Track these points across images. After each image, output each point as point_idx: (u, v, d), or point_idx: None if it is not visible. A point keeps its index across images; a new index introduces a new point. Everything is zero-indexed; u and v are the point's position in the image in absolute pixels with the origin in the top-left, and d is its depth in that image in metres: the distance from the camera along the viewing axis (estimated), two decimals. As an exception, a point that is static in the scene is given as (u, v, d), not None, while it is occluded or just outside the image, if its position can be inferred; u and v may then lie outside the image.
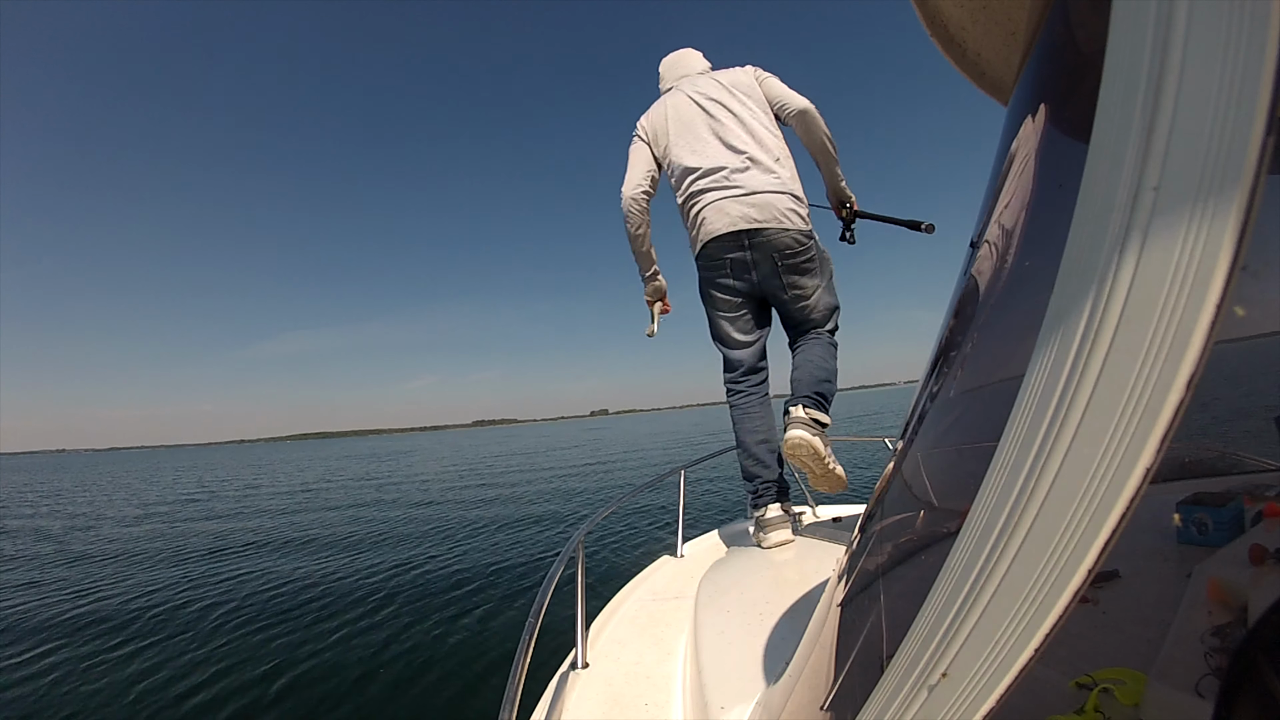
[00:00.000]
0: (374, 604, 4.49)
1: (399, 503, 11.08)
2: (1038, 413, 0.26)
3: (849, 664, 0.45)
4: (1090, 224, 0.25)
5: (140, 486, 20.47)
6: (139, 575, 6.17)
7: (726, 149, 1.64)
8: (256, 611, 4.55)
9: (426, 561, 5.79)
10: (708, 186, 1.65)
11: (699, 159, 1.67)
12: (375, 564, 5.87)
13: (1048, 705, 0.29)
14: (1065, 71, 0.35)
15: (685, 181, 1.71)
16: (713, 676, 0.95)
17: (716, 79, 1.77)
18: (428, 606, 4.32)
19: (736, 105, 1.69)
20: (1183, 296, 0.21)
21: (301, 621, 4.21)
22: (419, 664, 3.33)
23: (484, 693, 2.94)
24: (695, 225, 1.70)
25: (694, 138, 1.70)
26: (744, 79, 1.74)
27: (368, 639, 3.75)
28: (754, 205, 1.59)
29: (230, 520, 10.24)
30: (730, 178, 1.62)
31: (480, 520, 8.02)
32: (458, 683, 3.09)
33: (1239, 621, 0.23)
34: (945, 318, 0.46)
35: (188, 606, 4.83)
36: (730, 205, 1.60)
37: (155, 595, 5.26)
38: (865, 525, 0.53)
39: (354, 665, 3.37)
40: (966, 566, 0.29)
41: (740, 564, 1.56)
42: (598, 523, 1.76)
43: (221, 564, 6.50)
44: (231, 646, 3.81)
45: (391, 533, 7.69)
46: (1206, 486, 0.25)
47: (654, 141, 1.80)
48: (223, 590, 5.30)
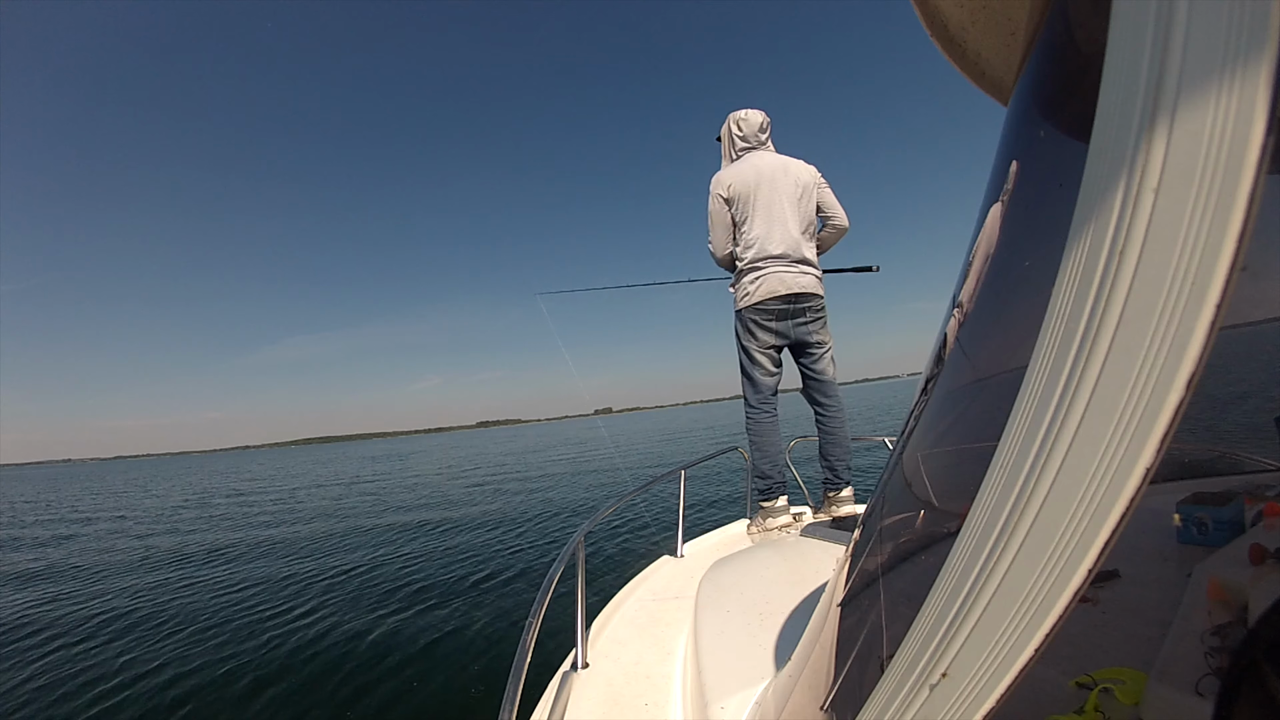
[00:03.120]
0: (374, 605, 4.49)
1: (396, 503, 11.07)
2: (1038, 413, 0.26)
3: (849, 664, 0.45)
4: (1090, 224, 0.25)
5: (131, 495, 20.48)
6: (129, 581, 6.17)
7: (793, 235, 2.20)
8: (254, 613, 4.55)
9: (426, 562, 5.79)
10: (776, 259, 2.19)
11: (775, 236, 2.19)
12: (375, 565, 5.87)
13: (1048, 705, 0.29)
14: (1065, 71, 0.35)
15: (756, 245, 2.20)
16: (712, 676, 0.95)
17: (789, 168, 2.25)
18: (428, 607, 4.32)
19: (805, 202, 2.26)
20: (1183, 296, 0.21)
21: (300, 622, 4.21)
22: (419, 664, 3.33)
23: (484, 693, 2.94)
24: (755, 283, 2.20)
25: (772, 218, 2.21)
26: (808, 179, 2.27)
27: (368, 639, 3.75)
28: (800, 280, 2.20)
29: (220, 529, 10.23)
30: (790, 255, 2.20)
31: (480, 520, 8.01)
32: (458, 683, 3.09)
33: (1239, 621, 0.23)
34: (945, 317, 0.46)
35: (131, 614, 4.83)
36: (789, 277, 2.19)
37: (126, 599, 5.26)
38: (865, 525, 0.53)
39: (354, 665, 3.37)
40: (966, 566, 0.29)
41: (740, 564, 1.56)
42: (598, 523, 1.77)
43: (212, 569, 6.50)
44: (218, 646, 3.81)
45: (390, 533, 7.69)
46: (1206, 486, 0.25)
47: (733, 199, 2.24)
48: (216, 592, 5.30)
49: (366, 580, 5.25)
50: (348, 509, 10.78)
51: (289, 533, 8.51)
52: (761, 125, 2.32)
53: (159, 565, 6.86)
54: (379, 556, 6.24)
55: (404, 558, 6.06)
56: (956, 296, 0.45)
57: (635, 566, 2.04)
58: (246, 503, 13.70)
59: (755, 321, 2.24)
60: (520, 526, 7.34)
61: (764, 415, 2.30)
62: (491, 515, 8.39)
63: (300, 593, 4.99)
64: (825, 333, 2.31)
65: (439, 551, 6.23)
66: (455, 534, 7.16)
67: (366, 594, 4.79)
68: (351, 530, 8.20)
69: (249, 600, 4.90)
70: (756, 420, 2.31)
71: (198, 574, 6.17)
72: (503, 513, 8.56)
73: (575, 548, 1.42)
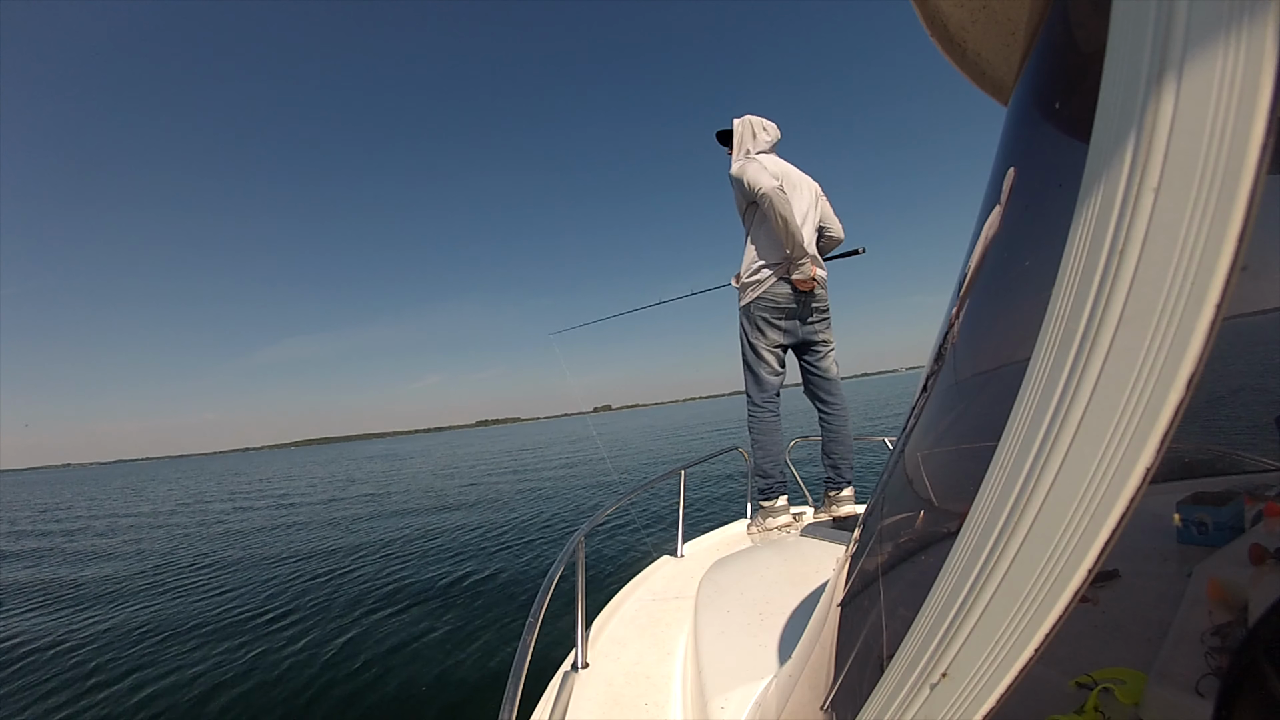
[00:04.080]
0: (374, 605, 4.49)
1: (394, 505, 11.07)
2: (1038, 412, 0.26)
3: (849, 663, 0.45)
4: (1090, 224, 0.25)
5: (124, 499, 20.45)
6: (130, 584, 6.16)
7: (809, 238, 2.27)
8: (252, 616, 4.55)
9: (425, 563, 5.79)
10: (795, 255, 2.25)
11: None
12: (373, 566, 5.87)
13: (1048, 705, 0.29)
14: (1065, 71, 0.35)
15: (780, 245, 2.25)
16: (712, 676, 0.95)
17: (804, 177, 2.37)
18: (427, 607, 4.32)
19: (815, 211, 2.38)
20: (1183, 296, 0.21)
21: (300, 623, 4.21)
22: (419, 664, 3.33)
23: (484, 693, 2.94)
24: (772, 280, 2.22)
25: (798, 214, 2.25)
26: (817, 189, 2.41)
27: (367, 640, 3.75)
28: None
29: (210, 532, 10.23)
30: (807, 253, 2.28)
31: (479, 521, 8.01)
32: (458, 683, 3.09)
33: (1239, 621, 0.23)
34: (945, 317, 0.46)
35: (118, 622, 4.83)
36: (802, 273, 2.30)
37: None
38: (865, 525, 0.53)
39: (354, 666, 3.37)
40: (966, 566, 0.29)
41: (740, 564, 1.55)
42: (598, 523, 1.77)
43: (201, 574, 6.50)
44: (215, 651, 3.81)
45: (389, 535, 7.69)
46: (1206, 486, 0.25)
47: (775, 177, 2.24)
48: (205, 596, 5.30)
49: (366, 580, 5.25)
50: (346, 509, 10.78)
51: (289, 532, 8.51)
52: (776, 137, 2.38)
53: (167, 569, 6.86)
54: (379, 556, 6.23)
55: (403, 558, 6.06)
56: (957, 296, 0.45)
57: (635, 566, 2.04)
58: (250, 505, 13.70)
59: (765, 319, 2.27)
60: (519, 527, 7.33)
61: (768, 414, 2.34)
62: (490, 516, 8.38)
63: (298, 596, 4.99)
64: (829, 333, 2.38)
65: (438, 552, 6.23)
66: (454, 534, 7.15)
67: (365, 595, 4.79)
68: (349, 531, 8.20)
69: (248, 600, 4.91)
70: (760, 419, 2.34)
71: (207, 579, 6.17)
72: (501, 513, 8.56)
73: (575, 548, 1.42)
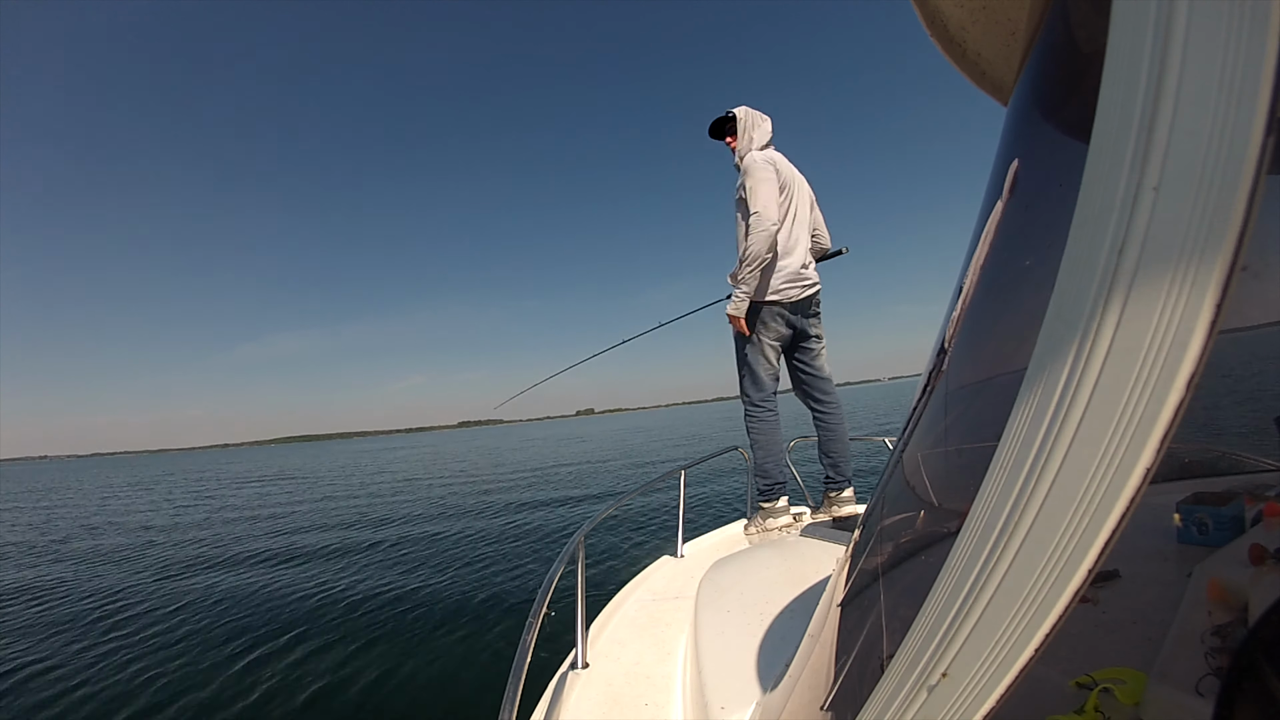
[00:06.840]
0: (373, 606, 4.49)
1: (390, 505, 11.07)
2: (1038, 412, 0.26)
3: (849, 664, 0.45)
4: (1090, 224, 0.25)
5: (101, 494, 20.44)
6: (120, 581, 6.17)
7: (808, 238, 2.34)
8: (253, 620, 4.55)
9: (424, 563, 5.79)
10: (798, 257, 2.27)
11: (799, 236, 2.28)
12: (373, 566, 5.87)
13: (1048, 705, 0.29)
14: (1065, 71, 0.35)
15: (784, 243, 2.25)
16: (713, 676, 0.95)
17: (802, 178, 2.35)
18: (427, 607, 4.32)
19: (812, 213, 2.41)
20: (1182, 297, 0.21)
21: (300, 622, 4.21)
22: (419, 665, 3.33)
23: (484, 692, 2.94)
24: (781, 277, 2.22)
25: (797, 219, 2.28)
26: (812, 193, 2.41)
27: (367, 640, 3.75)
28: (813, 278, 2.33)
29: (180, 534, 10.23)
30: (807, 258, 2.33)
31: (478, 521, 8.02)
32: (458, 682, 3.09)
33: (1239, 621, 0.23)
34: (945, 317, 0.46)
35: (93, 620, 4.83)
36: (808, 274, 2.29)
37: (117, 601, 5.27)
38: (865, 525, 0.53)
39: (353, 666, 3.37)
40: (966, 566, 0.29)
41: (740, 564, 1.56)
42: (598, 523, 1.77)
43: (192, 579, 6.50)
44: (214, 656, 3.81)
45: (387, 536, 7.69)
46: (1206, 486, 0.25)
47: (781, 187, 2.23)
48: (201, 602, 5.31)
49: (365, 582, 5.25)
50: (343, 510, 10.78)
51: (288, 534, 8.51)
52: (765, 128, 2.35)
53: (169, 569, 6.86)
54: (375, 558, 6.23)
55: (401, 560, 6.06)
56: (957, 296, 0.45)
57: (635, 566, 2.04)
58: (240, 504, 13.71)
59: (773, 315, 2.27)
60: (519, 527, 7.33)
61: (767, 414, 2.33)
62: (490, 516, 8.39)
63: (298, 599, 4.99)
64: (822, 328, 2.41)
65: (437, 552, 6.23)
66: (453, 535, 7.15)
67: (365, 596, 4.79)
68: (345, 534, 8.20)
69: (247, 600, 4.91)
70: (760, 419, 2.33)
71: (213, 578, 6.17)
72: (501, 514, 8.56)
73: (575, 548, 1.42)
